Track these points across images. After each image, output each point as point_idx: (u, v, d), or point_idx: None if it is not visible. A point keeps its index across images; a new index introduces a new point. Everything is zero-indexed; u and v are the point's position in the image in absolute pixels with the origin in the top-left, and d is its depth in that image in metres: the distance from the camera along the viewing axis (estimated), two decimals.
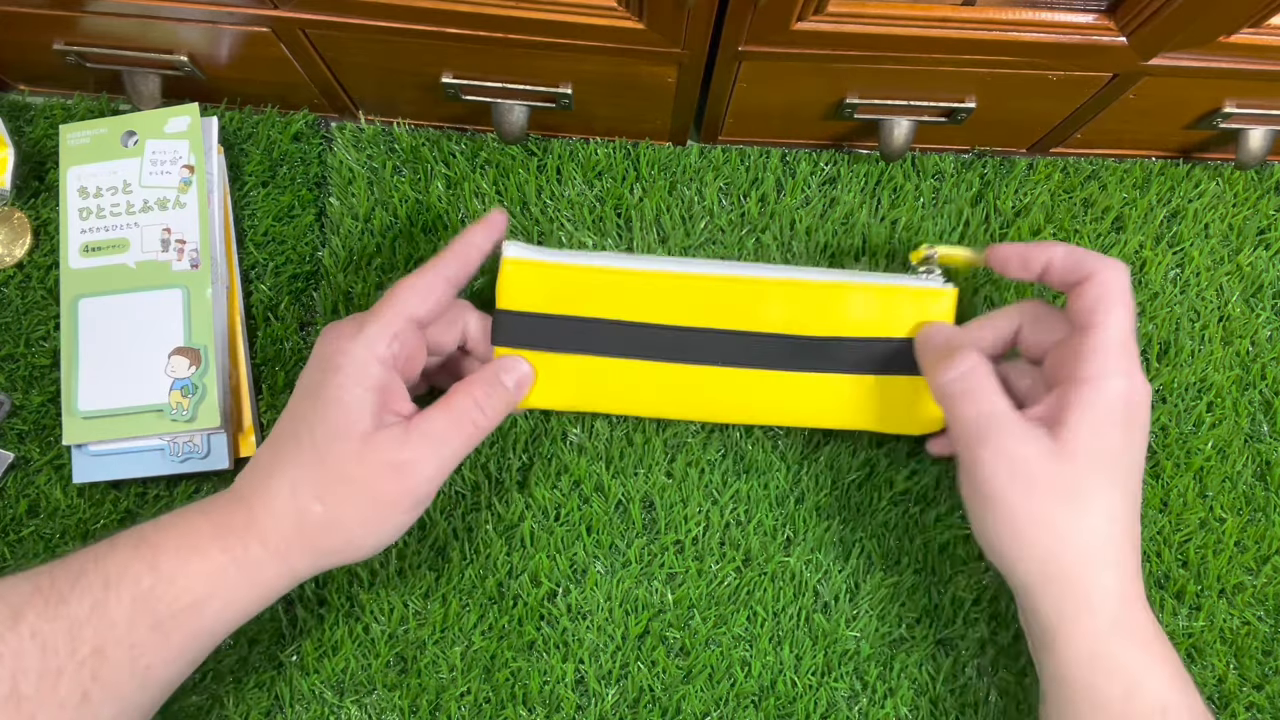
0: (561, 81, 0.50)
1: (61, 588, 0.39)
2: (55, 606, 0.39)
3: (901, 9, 0.43)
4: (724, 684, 0.51)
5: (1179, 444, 0.54)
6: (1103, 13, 0.44)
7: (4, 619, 0.38)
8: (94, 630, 0.39)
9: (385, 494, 0.41)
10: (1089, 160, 0.57)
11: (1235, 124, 0.52)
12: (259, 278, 0.54)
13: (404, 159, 0.56)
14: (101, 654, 0.39)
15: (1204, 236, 0.56)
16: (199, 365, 0.50)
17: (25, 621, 0.38)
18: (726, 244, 0.55)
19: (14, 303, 0.54)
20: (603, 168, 0.56)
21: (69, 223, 0.52)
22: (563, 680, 0.50)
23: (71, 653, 0.38)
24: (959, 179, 0.56)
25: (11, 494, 0.52)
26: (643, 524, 0.52)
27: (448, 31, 0.45)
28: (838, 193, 0.56)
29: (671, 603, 0.51)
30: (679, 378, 0.48)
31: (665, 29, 0.44)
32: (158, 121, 0.52)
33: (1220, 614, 0.52)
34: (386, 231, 0.55)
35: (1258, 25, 0.43)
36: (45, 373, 0.53)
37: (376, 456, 0.41)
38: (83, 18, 0.48)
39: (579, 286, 0.48)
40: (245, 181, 0.55)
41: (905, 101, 0.50)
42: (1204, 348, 0.55)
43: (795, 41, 0.45)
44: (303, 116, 0.56)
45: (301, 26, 0.47)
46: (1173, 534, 0.53)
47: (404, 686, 0.50)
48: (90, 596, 0.39)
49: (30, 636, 0.38)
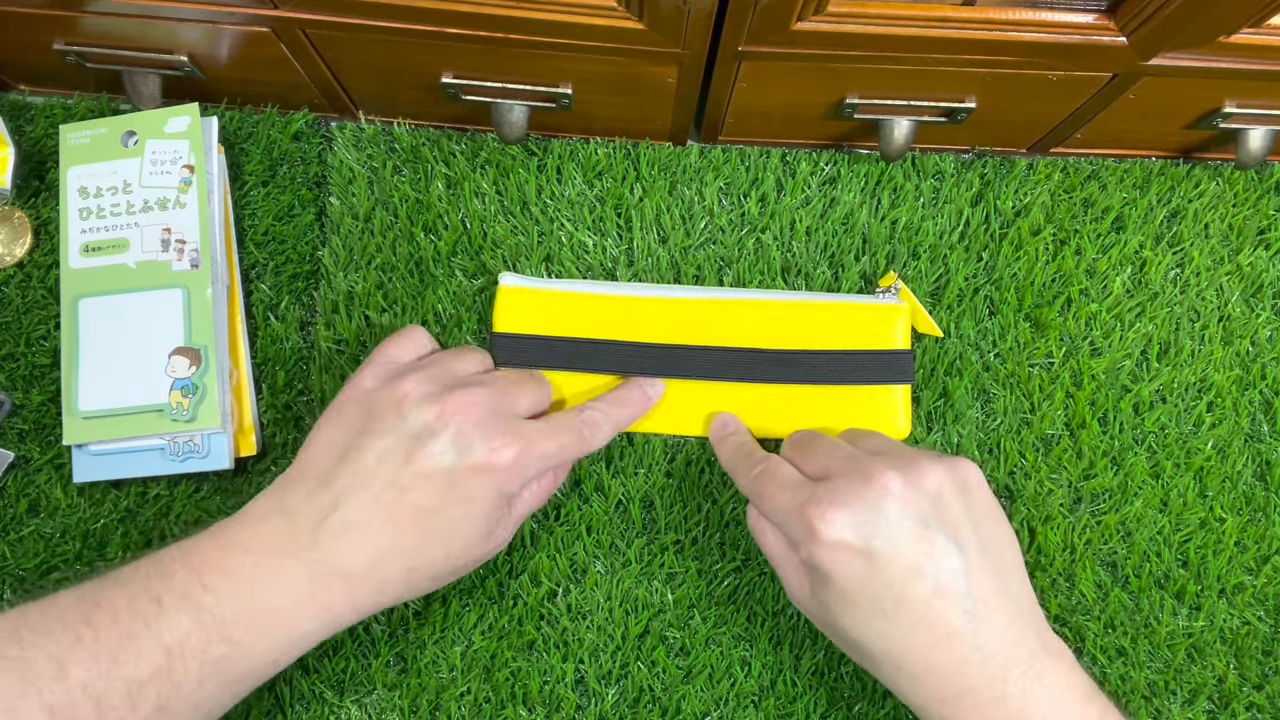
0: (561, 81, 0.50)
1: (109, 644, 0.38)
2: (108, 666, 0.38)
3: (901, 9, 0.43)
4: (724, 684, 0.51)
5: (1179, 444, 0.54)
6: (1103, 13, 0.44)
7: (47, 670, 0.37)
8: (156, 691, 0.38)
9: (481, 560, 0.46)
10: (1089, 160, 0.57)
11: (1235, 124, 0.52)
12: (259, 277, 0.54)
13: (404, 159, 0.56)
14: (165, 710, 0.39)
15: (1204, 236, 0.56)
16: (199, 365, 0.50)
17: (72, 675, 0.37)
18: (726, 244, 0.55)
19: (14, 302, 0.54)
20: (603, 168, 0.56)
21: (69, 222, 0.52)
22: (563, 680, 0.50)
23: (132, 708, 0.38)
24: (959, 179, 0.56)
25: (12, 493, 0.52)
26: (643, 524, 0.52)
27: (448, 31, 0.46)
28: (838, 193, 0.56)
29: (671, 603, 0.51)
30: (667, 394, 0.52)
31: (665, 29, 0.44)
32: (158, 121, 0.52)
33: (1220, 614, 0.52)
34: (386, 231, 0.55)
35: (1258, 25, 0.43)
36: (45, 372, 0.53)
37: (492, 541, 0.45)
38: (83, 18, 0.48)
39: (568, 310, 0.52)
40: (245, 181, 0.55)
41: (905, 101, 0.50)
42: (1204, 348, 0.55)
43: (795, 41, 0.45)
44: (303, 116, 0.56)
45: (301, 26, 0.47)
46: (1173, 534, 0.53)
47: (404, 686, 0.50)
48: (149, 662, 0.38)
49: (82, 690, 0.37)
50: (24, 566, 0.51)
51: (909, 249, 0.55)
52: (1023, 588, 0.42)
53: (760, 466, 0.46)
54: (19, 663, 0.37)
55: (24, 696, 0.37)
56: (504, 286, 0.52)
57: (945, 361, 0.54)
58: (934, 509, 0.41)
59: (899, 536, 0.40)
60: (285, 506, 0.42)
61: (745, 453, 0.48)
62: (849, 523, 0.41)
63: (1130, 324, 0.55)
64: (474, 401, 0.44)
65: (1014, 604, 0.41)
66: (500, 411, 0.44)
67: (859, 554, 0.41)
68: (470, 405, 0.43)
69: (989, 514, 0.43)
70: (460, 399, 0.43)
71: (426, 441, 0.42)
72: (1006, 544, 0.43)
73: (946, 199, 0.56)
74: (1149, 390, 0.54)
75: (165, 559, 0.41)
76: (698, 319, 0.52)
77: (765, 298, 0.53)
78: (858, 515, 0.41)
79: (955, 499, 0.42)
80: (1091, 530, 0.53)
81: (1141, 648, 0.51)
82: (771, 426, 0.52)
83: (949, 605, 0.40)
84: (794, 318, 0.52)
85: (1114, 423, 0.54)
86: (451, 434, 0.43)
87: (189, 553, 0.41)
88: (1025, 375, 0.54)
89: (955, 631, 0.40)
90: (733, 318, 0.52)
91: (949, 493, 0.42)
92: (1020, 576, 0.43)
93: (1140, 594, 0.52)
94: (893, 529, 0.40)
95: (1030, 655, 0.40)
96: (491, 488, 0.43)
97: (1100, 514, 0.53)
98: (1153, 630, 0.52)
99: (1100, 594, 0.52)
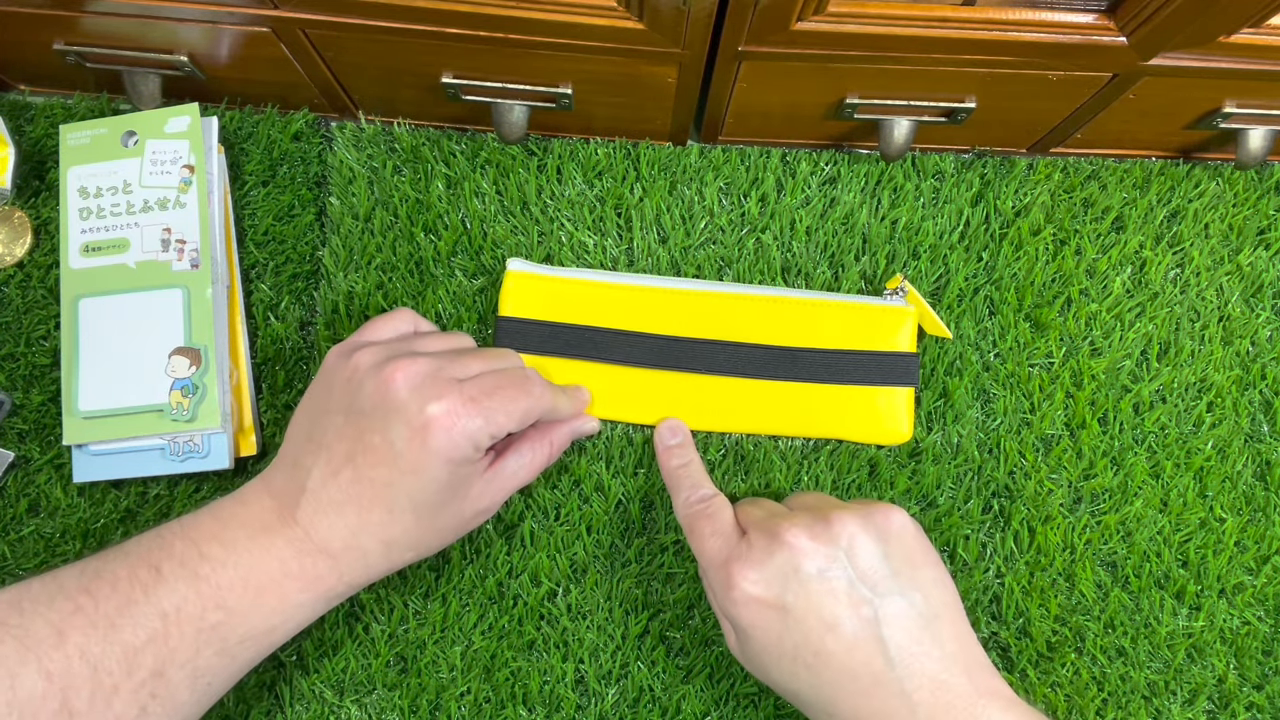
0: (561, 81, 0.50)
1: (108, 611, 0.39)
2: (105, 632, 0.39)
3: (901, 9, 0.43)
4: (724, 684, 0.51)
5: (1179, 444, 0.54)
6: (1103, 13, 0.44)
7: (47, 638, 0.38)
8: (153, 656, 0.39)
9: (467, 526, 0.47)
10: (1089, 160, 0.57)
11: (1235, 124, 0.52)
12: (259, 277, 0.54)
13: (404, 159, 0.56)
14: (161, 676, 0.39)
15: (1204, 236, 0.56)
16: (199, 365, 0.50)
17: (70, 641, 0.38)
18: (726, 244, 0.55)
19: (14, 302, 0.54)
20: (603, 168, 0.56)
21: (69, 222, 0.52)
22: (563, 680, 0.50)
23: (128, 674, 0.39)
24: (959, 179, 0.56)
25: (12, 493, 0.52)
26: (643, 524, 0.52)
27: (448, 31, 0.46)
28: (838, 193, 0.56)
29: (671, 603, 0.51)
30: (663, 383, 0.52)
31: (665, 29, 0.44)
32: (158, 121, 0.52)
33: (1220, 614, 0.52)
34: (386, 231, 0.55)
35: (1258, 25, 0.43)
36: (45, 372, 0.53)
37: (469, 507, 0.45)
38: (83, 18, 0.48)
39: (574, 298, 0.52)
40: (245, 181, 0.55)
41: (905, 101, 0.50)
42: (1204, 348, 0.55)
43: (795, 41, 0.44)
44: (303, 116, 0.56)
45: (301, 26, 0.47)
46: (1173, 534, 0.53)
47: (404, 686, 0.50)
48: (145, 627, 0.39)
49: (79, 657, 0.38)
50: (24, 566, 0.51)
51: (909, 249, 0.55)
52: (955, 630, 0.41)
53: (705, 504, 0.46)
54: (19, 630, 0.38)
55: (23, 663, 0.38)
56: (511, 271, 0.52)
57: (945, 361, 0.54)
58: (847, 559, 0.41)
59: (810, 590, 0.41)
60: (271, 488, 0.44)
61: (693, 480, 0.48)
62: (759, 579, 0.41)
63: (1130, 324, 0.55)
64: (413, 369, 0.42)
65: (942, 649, 0.40)
66: (438, 374, 0.43)
67: (774, 609, 0.41)
68: (408, 372, 0.42)
69: (911, 559, 0.42)
70: (397, 365, 0.43)
71: (369, 413, 0.42)
72: (934, 587, 0.42)
73: (946, 199, 0.56)
74: (1149, 390, 0.54)
75: (165, 533, 0.42)
76: (702, 312, 0.52)
77: (771, 294, 0.53)
78: (768, 572, 0.41)
79: (871, 548, 0.42)
80: (1091, 530, 0.53)
81: (1141, 648, 0.51)
82: (769, 424, 0.52)
83: (869, 654, 0.40)
84: (798, 315, 0.52)
85: (1114, 423, 0.54)
86: (389, 401, 0.42)
87: (189, 526, 0.42)
88: (1025, 375, 0.54)
89: (879, 680, 0.40)
90: (737, 312, 0.52)
91: (863, 542, 0.42)
92: (953, 619, 0.42)
93: (1140, 594, 0.52)
94: (804, 584, 0.41)
95: (965, 701, 0.40)
96: (434, 452, 0.42)
97: (1100, 514, 0.53)
98: (1153, 630, 0.52)
99: (1100, 594, 0.52)
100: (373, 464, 0.42)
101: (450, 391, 0.42)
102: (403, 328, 0.48)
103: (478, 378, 0.44)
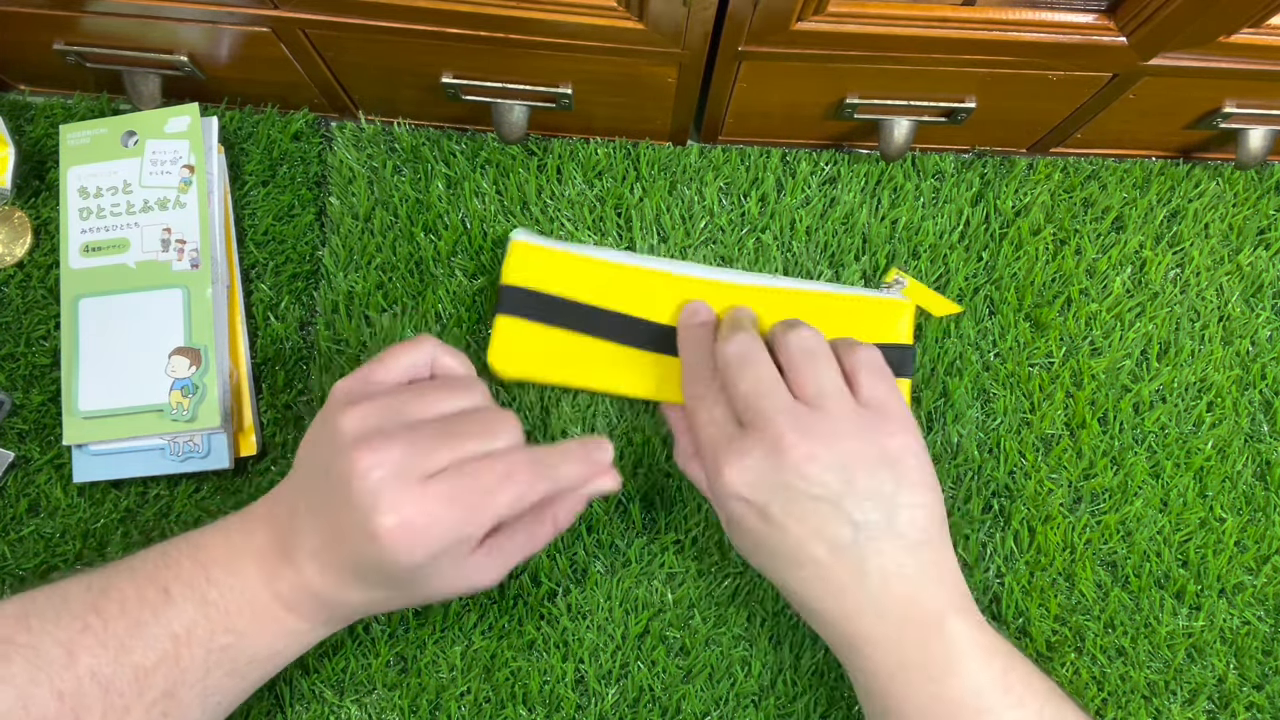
0: (561, 81, 0.50)
1: (117, 631, 0.39)
2: (115, 653, 0.39)
3: (901, 9, 0.43)
4: (724, 684, 0.51)
5: (1179, 444, 0.54)
6: (1103, 13, 0.44)
7: (58, 658, 0.38)
8: (164, 677, 0.39)
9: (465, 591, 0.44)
10: (1089, 160, 0.57)
11: (1235, 124, 0.52)
12: (259, 277, 0.54)
13: (404, 159, 0.56)
14: (173, 696, 0.40)
15: (1204, 236, 0.56)
16: (199, 365, 0.50)
17: (81, 662, 0.38)
18: (726, 244, 0.55)
19: (14, 302, 0.54)
20: (603, 168, 0.56)
21: (69, 222, 0.52)
22: (563, 680, 0.50)
23: (139, 695, 0.39)
24: (959, 179, 0.56)
25: (12, 493, 0.52)
26: (643, 524, 0.52)
27: (448, 31, 0.46)
28: (838, 193, 0.56)
29: (671, 603, 0.51)
30: (660, 365, 0.52)
31: (665, 29, 0.44)
32: (158, 121, 0.52)
33: (1220, 614, 0.52)
34: (386, 231, 0.55)
35: (1258, 25, 0.43)
36: (45, 372, 0.53)
37: (462, 582, 0.43)
38: (83, 18, 0.48)
39: (577, 274, 0.52)
40: (245, 181, 0.55)
41: (905, 101, 0.50)
42: (1204, 348, 0.55)
43: (795, 41, 0.45)
44: (303, 116, 0.56)
45: (301, 26, 0.47)
46: (1173, 534, 0.53)
47: (404, 686, 0.50)
48: (156, 649, 0.39)
49: (90, 677, 0.38)
50: (24, 566, 0.51)
51: (909, 249, 0.55)
52: (936, 555, 0.43)
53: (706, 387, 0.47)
54: (28, 650, 0.38)
55: (35, 684, 0.38)
56: (516, 241, 0.52)
57: (945, 361, 0.54)
58: (841, 482, 0.42)
59: (797, 504, 0.42)
60: (275, 523, 0.42)
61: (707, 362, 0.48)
62: (748, 483, 0.43)
63: (1130, 324, 0.55)
64: (383, 456, 0.39)
65: (924, 573, 0.43)
66: (407, 470, 0.39)
67: (757, 512, 0.43)
68: (372, 461, 0.39)
69: (908, 482, 0.43)
70: (366, 450, 0.39)
71: (340, 490, 0.39)
72: (922, 513, 0.43)
73: (946, 199, 0.56)
74: (1149, 390, 0.54)
75: (172, 550, 0.42)
76: (702, 298, 0.52)
77: (770, 284, 0.53)
78: (760, 478, 0.43)
79: (868, 470, 0.43)
80: (1091, 530, 0.53)
81: (1141, 648, 0.51)
82: None
83: (842, 569, 0.42)
84: (797, 305, 0.52)
85: (1114, 422, 0.54)
86: (352, 494, 0.39)
87: (197, 547, 0.42)
88: (1025, 375, 0.54)
89: (848, 590, 0.42)
90: (737, 303, 0.52)
91: (861, 464, 0.42)
92: (938, 544, 0.44)
93: (1140, 594, 0.52)
94: (793, 499, 0.42)
95: (932, 616, 0.42)
96: (394, 557, 0.39)
97: (1100, 514, 0.53)
98: (1153, 630, 0.52)
99: (1100, 594, 0.52)
100: (349, 540, 0.40)
101: (410, 499, 0.38)
102: (419, 362, 0.44)
103: (458, 470, 0.40)
